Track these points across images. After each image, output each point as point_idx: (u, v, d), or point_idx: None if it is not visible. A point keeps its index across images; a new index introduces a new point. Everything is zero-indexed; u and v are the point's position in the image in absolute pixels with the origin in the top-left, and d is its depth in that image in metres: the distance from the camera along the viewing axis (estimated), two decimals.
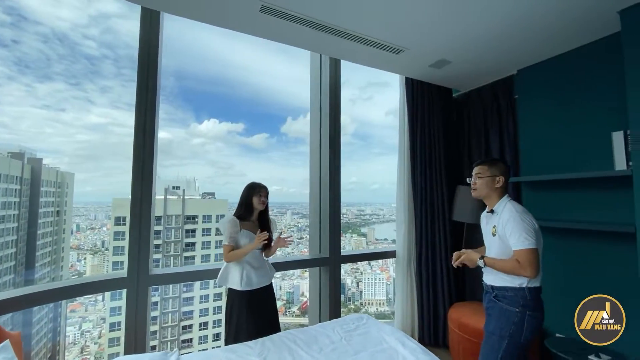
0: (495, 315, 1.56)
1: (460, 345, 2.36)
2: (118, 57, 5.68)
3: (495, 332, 1.53)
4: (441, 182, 2.85)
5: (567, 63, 2.30)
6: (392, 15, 1.83)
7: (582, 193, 2.20)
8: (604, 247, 2.07)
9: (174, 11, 1.81)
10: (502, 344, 1.50)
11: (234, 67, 5.95)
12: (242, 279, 1.89)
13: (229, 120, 6.23)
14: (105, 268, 5.14)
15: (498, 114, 2.73)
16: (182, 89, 4.31)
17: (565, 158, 2.29)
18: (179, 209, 6.06)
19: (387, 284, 6.42)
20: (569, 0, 1.71)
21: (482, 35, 2.05)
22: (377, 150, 6.17)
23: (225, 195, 6.56)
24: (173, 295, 6.31)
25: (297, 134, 8.65)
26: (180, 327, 6.12)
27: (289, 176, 7.60)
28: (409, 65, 2.50)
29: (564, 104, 2.31)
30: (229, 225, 1.90)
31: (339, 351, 1.70)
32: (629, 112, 1.78)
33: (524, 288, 1.49)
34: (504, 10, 1.79)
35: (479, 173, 1.68)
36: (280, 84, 5.42)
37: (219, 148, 6.28)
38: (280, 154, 7.35)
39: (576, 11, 1.81)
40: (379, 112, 7.69)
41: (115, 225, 4.88)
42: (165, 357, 1.59)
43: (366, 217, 6.78)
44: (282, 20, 1.87)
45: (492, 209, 1.64)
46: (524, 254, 1.43)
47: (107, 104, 5.39)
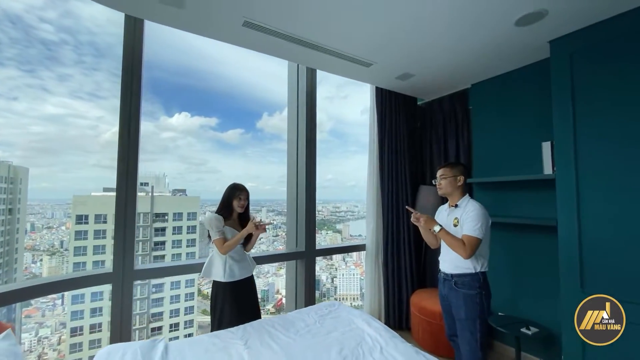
0: (462, 304, 1.82)
1: (420, 327, 2.68)
2: (79, 43, 5.35)
3: (468, 317, 1.79)
4: (406, 183, 3.16)
5: (509, 81, 2.68)
6: (362, 34, 2.07)
7: (520, 193, 2.58)
8: (535, 238, 2.47)
9: (161, 20, 1.92)
10: (476, 325, 1.79)
11: (207, 58, 5.74)
12: (226, 271, 2.03)
13: (201, 114, 6.05)
14: (65, 269, 4.82)
15: (455, 122, 3.08)
16: (151, 80, 4.17)
17: (508, 163, 2.67)
18: (147, 206, 5.88)
19: (361, 279, 6.44)
20: (510, 31, 2.03)
21: (439, 53, 2.35)
22: (353, 148, 6.28)
23: (197, 192, 6.36)
24: (141, 296, 6.12)
25: (274, 130, 8.61)
26: (149, 329, 5.98)
27: (264, 173, 7.50)
28: (378, 76, 2.77)
29: (506, 116, 2.69)
30: (216, 221, 2.04)
31: (313, 332, 1.92)
32: (554, 126, 2.15)
33: (477, 273, 1.80)
34: (456, 35, 2.09)
35: (443, 174, 1.96)
36: (256, 78, 5.36)
37: (191, 143, 6.12)
38: (255, 150, 7.20)
39: (515, 40, 2.15)
40: (355, 110, 7.75)
41: (77, 224, 4.56)
42: (154, 344, 1.72)
43: (341, 214, 7.00)
44: (263, 34, 2.04)
45: (456, 204, 1.93)
46: (471, 240, 1.73)
47: (66, 94, 5.05)
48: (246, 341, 1.79)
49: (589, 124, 1.98)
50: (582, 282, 1.98)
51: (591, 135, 1.97)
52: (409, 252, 3.08)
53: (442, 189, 1.97)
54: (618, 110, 1.86)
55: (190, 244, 5.91)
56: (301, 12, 1.83)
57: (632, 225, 1.80)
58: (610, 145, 1.89)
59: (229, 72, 4.18)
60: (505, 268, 2.65)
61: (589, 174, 1.97)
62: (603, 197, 1.91)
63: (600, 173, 1.92)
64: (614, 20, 1.87)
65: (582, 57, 2.03)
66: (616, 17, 1.86)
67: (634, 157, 1.80)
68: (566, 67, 2.09)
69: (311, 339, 1.85)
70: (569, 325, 2.03)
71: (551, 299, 2.28)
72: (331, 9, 1.79)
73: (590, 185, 1.96)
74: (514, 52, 2.32)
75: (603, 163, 1.92)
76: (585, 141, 1.99)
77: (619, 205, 1.85)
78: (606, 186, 1.90)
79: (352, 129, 6.53)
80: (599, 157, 1.93)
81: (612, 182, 1.88)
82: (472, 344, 1.79)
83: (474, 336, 1.78)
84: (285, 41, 2.11)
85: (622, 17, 1.84)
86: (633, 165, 1.80)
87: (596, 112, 1.95)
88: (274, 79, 2.51)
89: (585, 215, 1.98)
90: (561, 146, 2.10)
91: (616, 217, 1.86)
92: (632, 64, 1.81)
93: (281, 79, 3.12)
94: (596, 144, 1.95)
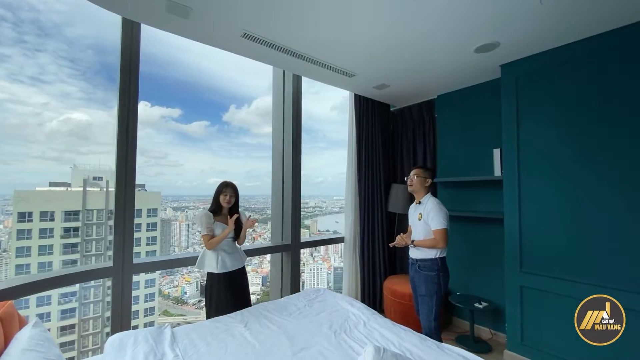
0: (422, 282, 2.21)
1: (392, 307, 3.06)
2: (19, 20, 4.79)
3: (427, 294, 2.19)
4: (380, 181, 3.51)
5: (468, 95, 3.12)
6: (349, 51, 2.34)
7: (475, 191, 3.05)
8: (487, 229, 2.94)
9: (166, 28, 2.02)
10: (433, 300, 2.18)
11: (169, 45, 5.30)
12: (218, 263, 2.20)
13: (162, 104, 5.62)
14: (5, 273, 4.34)
15: (423, 128, 3.49)
16: (104, 65, 3.78)
17: (466, 165, 3.12)
18: (101, 202, 5.55)
19: (328, 273, 6.75)
20: (470, 56, 2.43)
21: (412, 70, 2.70)
22: (322, 144, 6.31)
23: (158, 187, 6.07)
24: (95, 299, 5.74)
25: (241, 124, 8.31)
26: (104, 333, 5.64)
27: (231, 168, 7.25)
28: (358, 85, 3.07)
29: (466, 124, 3.13)
30: (204, 218, 2.20)
31: (304, 314, 2.18)
32: (502, 136, 2.60)
33: (436, 258, 2.19)
34: (427, 57, 2.44)
35: (417, 174, 2.31)
36: (223, 69, 5.11)
37: (150, 135, 5.69)
38: (221, 144, 6.85)
39: (474, 62, 2.55)
40: (325, 106, 7.69)
41: (19, 222, 4.18)
42: (161, 330, 1.86)
43: (309, 209, 7.25)
44: (259, 45, 2.23)
45: (420, 201, 2.30)
46: (439, 232, 2.12)
47: (3, 76, 4.47)
48: (246, 323, 2.00)
49: (528, 134, 2.45)
50: (521, 264, 2.46)
51: (530, 144, 2.44)
52: (382, 243, 3.45)
53: (413, 185, 2.32)
54: (550, 124, 2.34)
55: (150, 242, 5.68)
56: (296, 28, 2.04)
57: (558, 218, 2.29)
58: (544, 152, 2.37)
59: (192, 61, 3.94)
60: (463, 254, 3.11)
61: (527, 176, 2.45)
62: (538, 194, 2.39)
63: (536, 175, 2.40)
64: (549, 53, 2.34)
65: (525, 80, 2.49)
66: (551, 50, 2.33)
67: (561, 163, 2.29)
68: (513, 87, 2.54)
69: (303, 319, 2.10)
70: (511, 299, 2.52)
71: (498, 279, 2.75)
72: (324, 28, 2.04)
73: (528, 185, 2.44)
74: (473, 72, 2.74)
75: (538, 167, 2.39)
76: (526, 149, 2.46)
77: (549, 202, 2.33)
78: (540, 186, 2.38)
79: (322, 125, 6.62)
80: (535, 162, 2.41)
81: (544, 183, 2.36)
82: (430, 315, 2.18)
83: (431, 309, 2.18)
84: (280, 52, 2.32)
85: (556, 50, 2.31)
86: (560, 169, 2.29)
87: (534, 125, 2.42)
88: (242, 71, 2.61)
89: (524, 209, 2.45)
90: (507, 152, 2.56)
91: (546, 211, 2.34)
92: (562, 88, 2.29)
93: (249, 71, 3.10)
94: (534, 151, 2.42)
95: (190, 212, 6.30)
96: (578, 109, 2.22)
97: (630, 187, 1.98)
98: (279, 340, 1.76)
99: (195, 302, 5.88)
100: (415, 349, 1.67)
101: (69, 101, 4.57)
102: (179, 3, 1.77)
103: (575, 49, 2.21)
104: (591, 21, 1.96)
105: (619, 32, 2.04)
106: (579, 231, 2.19)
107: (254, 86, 2.92)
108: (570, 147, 2.24)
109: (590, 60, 2.16)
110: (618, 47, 2.05)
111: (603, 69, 2.11)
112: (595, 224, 2.12)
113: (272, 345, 1.70)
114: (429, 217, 2.18)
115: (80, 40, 3.84)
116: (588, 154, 2.16)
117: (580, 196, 2.19)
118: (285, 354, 1.61)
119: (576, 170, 2.21)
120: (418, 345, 1.70)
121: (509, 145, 2.54)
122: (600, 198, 2.10)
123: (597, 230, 2.11)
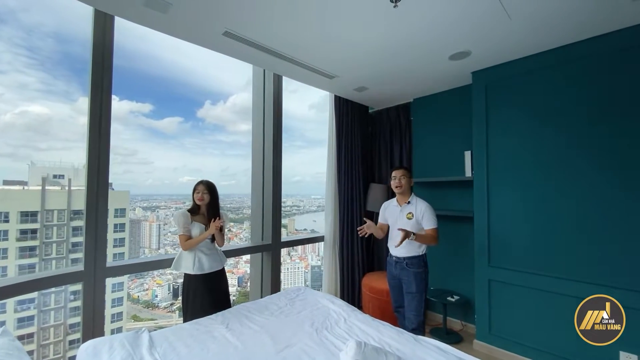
0: (412, 280, 2.28)
1: (370, 303, 3.15)
2: None
3: (418, 291, 2.27)
4: (359, 180, 3.60)
5: (442, 99, 3.28)
6: (330, 53, 2.39)
7: (448, 190, 3.21)
8: (459, 226, 3.11)
9: (143, 23, 1.95)
10: (422, 297, 2.28)
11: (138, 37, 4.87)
12: (195, 264, 2.15)
13: (132, 98, 5.27)
14: None
15: (400, 130, 3.61)
16: (67, 55, 3.47)
17: (440, 166, 3.27)
18: (63, 202, 5.23)
19: (305, 272, 6.71)
20: (444, 63, 2.55)
21: (390, 74, 2.79)
22: (299, 143, 6.29)
23: (126, 186, 5.71)
24: (56, 305, 5.39)
25: (216, 121, 8.00)
26: (66, 342, 5.36)
27: (205, 166, 7.00)
28: (339, 87, 3.12)
29: (439, 127, 3.29)
30: (181, 217, 2.16)
31: (286, 312, 2.20)
32: (473, 139, 2.76)
33: (422, 255, 2.30)
34: (404, 63, 2.54)
35: (404, 175, 2.37)
36: (198, 64, 4.86)
37: (117, 130, 5.22)
38: (194, 141, 6.53)
39: (448, 69, 2.69)
40: (303, 105, 7.62)
41: None
42: (137, 335, 1.80)
43: (287, 208, 7.24)
44: (241, 44, 2.21)
45: (409, 201, 2.36)
46: (435, 231, 2.23)
47: None
48: (227, 325, 1.98)
49: (496, 138, 2.62)
50: (490, 258, 2.63)
51: (498, 147, 2.62)
52: (361, 242, 3.53)
53: (402, 187, 2.37)
54: (516, 128, 2.52)
55: (118, 244, 5.43)
56: (279, 29, 2.05)
57: (522, 216, 2.47)
58: (510, 155, 2.55)
59: (165, 54, 3.73)
60: (437, 250, 3.26)
61: (495, 177, 2.62)
62: (504, 194, 2.57)
63: (504, 176, 2.58)
64: (517, 62, 2.52)
65: (493, 87, 2.66)
66: (518, 60, 2.50)
67: (525, 165, 2.47)
68: (482, 93, 2.71)
69: (285, 317, 2.12)
70: (480, 292, 2.69)
71: (469, 273, 2.92)
72: (306, 30, 2.06)
73: (496, 186, 2.61)
74: (447, 77, 2.88)
75: (504, 168, 2.57)
76: (494, 152, 2.64)
77: (515, 201, 2.51)
78: (506, 185, 2.56)
79: (299, 123, 6.59)
80: (503, 164, 2.59)
81: (511, 183, 2.54)
82: (419, 310, 2.28)
83: (420, 304, 2.29)
84: (262, 52, 2.31)
85: (522, 60, 2.49)
86: (525, 171, 2.47)
87: (502, 129, 2.60)
88: (217, 66, 2.53)
89: (492, 208, 2.63)
90: (477, 155, 2.73)
91: (512, 209, 2.53)
92: (526, 95, 2.47)
93: (225, 67, 2.95)
94: (501, 154, 2.60)
95: (162, 212, 6.07)
96: (540, 115, 2.41)
97: (589, 189, 2.19)
98: (262, 340, 1.77)
99: (167, 305, 5.68)
100: (394, 342, 1.74)
101: (26, 93, 4.19)
102: None
103: (540, 59, 2.40)
104: (556, 34, 2.14)
105: (581, 44, 2.22)
106: (540, 228, 2.38)
107: (231, 82, 2.83)
108: (533, 151, 2.43)
109: (552, 71, 2.36)
110: (580, 58, 2.23)
111: (561, 80, 2.31)
112: (554, 221, 2.32)
113: (254, 345, 1.71)
114: (424, 217, 2.27)
115: (40, 28, 3.55)
116: (548, 157, 2.36)
117: (542, 196, 2.38)
118: (268, 353, 1.62)
119: (538, 172, 2.40)
120: (396, 338, 1.78)
121: (479, 148, 2.71)
122: (558, 197, 2.30)
123: (556, 226, 2.31)
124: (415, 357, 1.60)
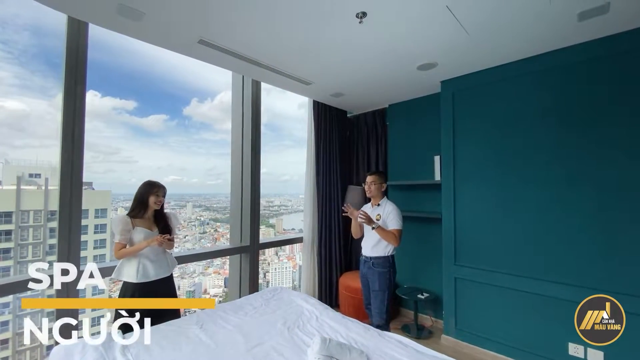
0: (376, 279, 2.41)
1: (347, 302, 3.27)
2: None
3: (380, 289, 2.39)
4: (337, 183, 3.71)
5: (414, 106, 3.42)
6: (304, 62, 2.47)
7: (420, 193, 3.36)
8: (429, 227, 3.26)
9: (117, 29, 1.97)
10: (385, 295, 2.39)
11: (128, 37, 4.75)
12: (138, 271, 1.97)
13: (115, 95, 5.06)
14: None
15: (376, 134, 3.74)
16: (43, 49, 3.35)
17: (412, 170, 3.42)
18: (40, 202, 5.06)
19: (293, 272, 6.67)
20: (413, 73, 2.69)
21: (363, 82, 2.91)
22: (287, 142, 6.27)
23: (108, 185, 5.52)
24: (32, 310, 5.20)
25: (203, 119, 7.79)
26: (43, 347, 5.21)
27: (190, 165, 6.85)
28: (316, 92, 3.22)
29: (412, 132, 3.44)
30: (120, 224, 1.97)
31: (261, 312, 2.27)
32: (441, 144, 2.92)
33: (388, 256, 2.41)
34: (376, 72, 2.66)
35: (374, 182, 2.49)
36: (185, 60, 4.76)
37: (98, 128, 5.05)
38: (179, 140, 6.34)
39: (418, 78, 2.83)
40: (292, 104, 7.58)
41: None
42: (110, 337, 1.84)
43: (275, 208, 7.22)
44: (216, 51, 2.26)
45: (379, 203, 2.49)
46: (398, 232, 2.34)
47: None
48: (201, 325, 2.03)
49: (462, 143, 2.78)
50: (456, 257, 2.79)
51: (463, 152, 2.78)
52: (339, 242, 3.65)
53: (372, 192, 2.50)
54: (479, 135, 2.68)
55: (99, 245, 5.31)
56: (253, 37, 2.12)
57: (485, 218, 2.64)
58: (475, 160, 2.71)
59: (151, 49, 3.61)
60: (409, 250, 3.41)
61: (461, 181, 2.78)
62: (469, 197, 2.73)
63: (469, 180, 2.74)
64: (479, 74, 2.68)
65: (460, 95, 2.82)
66: (480, 72, 2.67)
67: (487, 170, 2.64)
68: (450, 101, 2.86)
69: (259, 317, 2.19)
70: (447, 289, 2.84)
71: (438, 271, 3.08)
72: (280, 39, 2.14)
73: (462, 189, 2.77)
74: (417, 86, 3.03)
75: (470, 172, 2.73)
76: (460, 156, 2.79)
77: (478, 204, 2.68)
78: (472, 190, 2.72)
79: (288, 122, 6.59)
80: (468, 168, 2.75)
81: (475, 187, 2.70)
82: (382, 308, 2.40)
83: (383, 302, 2.40)
84: (237, 59, 2.37)
85: (484, 72, 2.65)
86: (487, 175, 2.64)
87: (467, 135, 2.76)
88: (204, 64, 2.51)
89: (458, 210, 2.79)
90: (445, 159, 2.88)
91: (476, 211, 2.69)
92: (488, 104, 2.64)
93: (212, 65, 2.89)
94: (467, 158, 2.76)
95: None
96: (500, 123, 2.58)
97: (542, 189, 2.37)
98: (234, 339, 1.83)
99: None
100: (360, 337, 1.85)
101: (0, 87, 4.04)
102: (131, 7, 1.75)
103: (499, 72, 2.57)
104: (511, 50, 2.30)
105: (534, 59, 2.40)
106: (501, 229, 2.55)
107: (219, 79, 2.79)
108: (496, 156, 2.59)
109: (510, 83, 2.53)
110: (533, 72, 2.41)
111: (521, 90, 2.48)
112: (514, 222, 2.49)
113: (226, 344, 1.78)
114: (389, 218, 2.39)
115: (15, 20, 3.47)
116: (509, 161, 2.53)
117: (502, 199, 2.55)
118: (238, 351, 1.70)
119: (499, 176, 2.57)
120: (362, 334, 1.89)
121: (447, 152, 2.86)
122: (517, 200, 2.48)
123: (516, 228, 2.48)
124: (378, 351, 1.71)
